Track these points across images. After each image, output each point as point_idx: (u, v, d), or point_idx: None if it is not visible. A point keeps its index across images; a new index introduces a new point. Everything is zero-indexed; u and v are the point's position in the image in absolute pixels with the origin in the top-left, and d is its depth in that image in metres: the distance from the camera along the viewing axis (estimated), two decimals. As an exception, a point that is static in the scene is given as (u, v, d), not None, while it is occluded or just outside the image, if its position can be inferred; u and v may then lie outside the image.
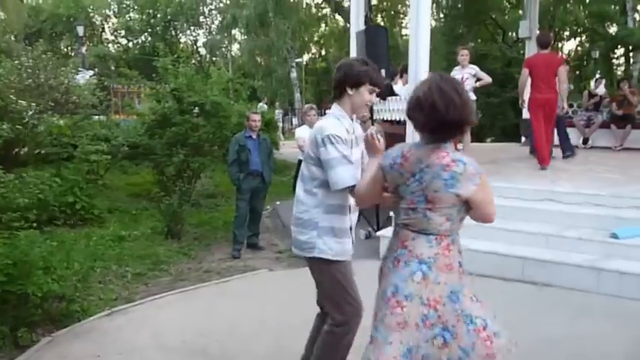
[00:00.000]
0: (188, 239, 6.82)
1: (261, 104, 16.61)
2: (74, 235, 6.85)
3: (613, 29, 24.04)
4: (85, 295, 4.48)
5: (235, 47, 36.45)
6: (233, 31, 30.89)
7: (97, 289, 4.87)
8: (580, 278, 4.31)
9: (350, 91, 2.50)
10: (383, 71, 5.78)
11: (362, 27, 7.91)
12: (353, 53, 7.97)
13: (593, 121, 10.45)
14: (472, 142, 8.06)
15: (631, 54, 24.47)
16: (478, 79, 7.57)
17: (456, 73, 7.65)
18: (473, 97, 7.57)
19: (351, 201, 2.56)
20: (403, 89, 7.85)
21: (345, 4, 22.36)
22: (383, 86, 2.57)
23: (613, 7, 23.44)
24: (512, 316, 3.95)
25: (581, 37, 27.77)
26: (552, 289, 4.39)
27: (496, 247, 4.81)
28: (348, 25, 23.31)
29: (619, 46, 25.14)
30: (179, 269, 5.62)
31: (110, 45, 38.27)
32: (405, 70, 7.91)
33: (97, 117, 11.00)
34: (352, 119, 2.59)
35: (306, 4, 24.05)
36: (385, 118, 7.38)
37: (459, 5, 18.00)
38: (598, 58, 25.59)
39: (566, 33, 26.21)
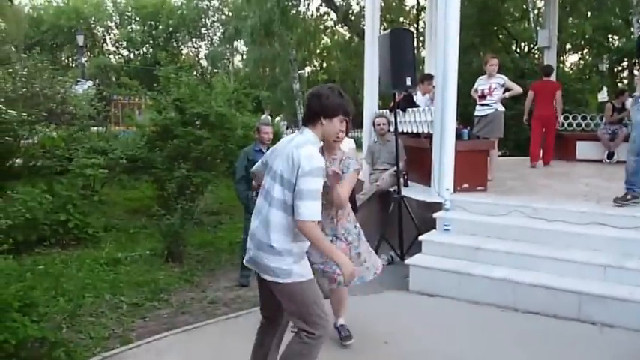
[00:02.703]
0: (190, 263, 6.21)
1: (264, 116, 16.11)
2: (65, 257, 6.25)
3: (617, 42, 23.64)
4: (72, 334, 3.87)
5: (237, 59, 36.17)
6: (235, 43, 30.58)
7: (88, 325, 4.25)
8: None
9: (324, 121, 2.60)
10: (409, 79, 5.23)
11: (377, 32, 7.42)
12: (368, 61, 7.47)
13: (618, 135, 9.91)
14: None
15: (635, 67, 24.08)
16: (507, 90, 7.01)
17: (482, 83, 7.11)
18: (501, 108, 7.02)
19: None
20: (423, 99, 7.31)
21: (353, 14, 22.01)
22: (351, 115, 2.75)
23: (618, 20, 23.07)
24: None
25: (585, 49, 27.46)
26: (616, 331, 3.78)
27: (545, 280, 4.21)
28: (355, 36, 23.07)
29: (625, 59, 24.79)
30: (181, 299, 5.01)
31: (111, 56, 37.99)
32: (424, 79, 7.38)
33: (94, 128, 10.49)
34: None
35: (312, 14, 23.65)
36: (406, 131, 6.81)
37: (471, 15, 17.55)
38: (604, 71, 25.24)
39: (568, 46, 25.80)
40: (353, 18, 21.62)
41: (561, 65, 23.66)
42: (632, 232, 4.43)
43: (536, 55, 21.74)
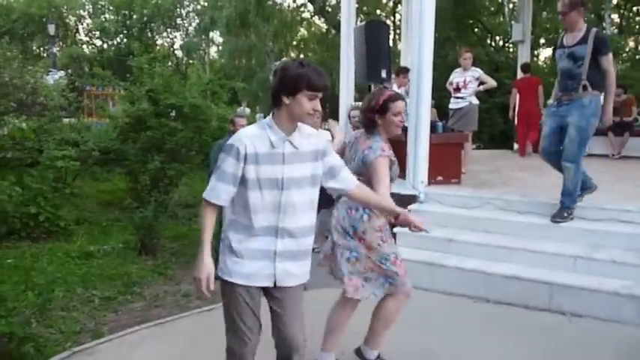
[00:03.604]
0: (164, 256, 6.15)
1: (241, 108, 15.97)
2: (36, 251, 6.14)
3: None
4: (42, 329, 3.80)
5: (213, 50, 35.72)
6: (211, 34, 30.17)
7: (58, 319, 4.19)
8: (617, 308, 3.79)
9: (286, 100, 2.17)
10: (384, 71, 5.24)
11: (353, 23, 7.39)
12: (344, 53, 7.44)
13: (589, 128, 10.11)
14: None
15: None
16: (481, 83, 7.07)
17: (457, 76, 7.15)
18: (475, 101, 7.08)
19: (287, 224, 2.27)
20: (399, 92, 7.33)
21: (329, 6, 21.94)
22: (324, 90, 2.19)
23: (591, 15, 23.52)
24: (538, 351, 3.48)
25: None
26: (584, 320, 3.87)
27: (517, 271, 4.27)
28: (332, 28, 22.98)
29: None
30: (154, 292, 4.96)
31: (84, 46, 37.14)
32: (399, 72, 7.40)
33: (66, 120, 10.26)
34: (289, 132, 2.24)
35: (288, 5, 23.51)
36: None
37: (447, 8, 17.66)
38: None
39: (542, 40, 26.20)
40: (329, 10, 21.57)
41: (535, 59, 23.96)
42: (602, 224, 4.52)
43: (511, 49, 22.02)
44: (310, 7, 22.94)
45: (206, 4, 28.96)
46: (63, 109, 9.78)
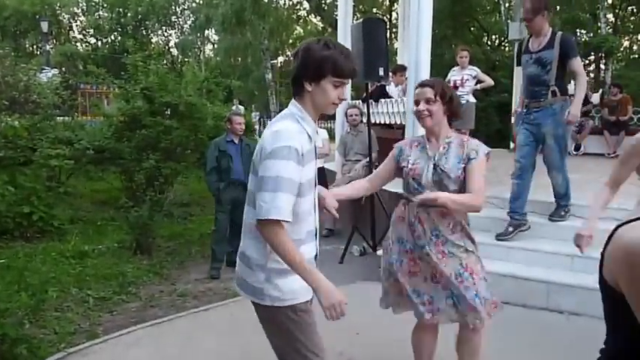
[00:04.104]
0: (160, 255, 6.10)
1: (235, 106, 15.91)
2: (29, 251, 6.07)
3: (585, 36, 24.13)
4: (35, 330, 3.75)
5: (208, 48, 35.62)
6: (206, 32, 30.08)
7: (52, 320, 4.13)
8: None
9: (309, 87, 1.87)
10: (381, 69, 5.21)
11: (350, 22, 7.37)
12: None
13: (585, 127, 10.12)
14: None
15: (602, 60, 24.65)
16: (479, 82, 7.06)
17: (455, 75, 7.14)
18: (472, 99, 7.07)
19: (318, 223, 2.05)
20: (396, 90, 7.31)
21: (326, 4, 21.87)
22: (352, 76, 1.89)
23: (586, 15, 23.59)
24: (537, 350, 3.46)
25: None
26: (582, 319, 3.85)
27: (514, 270, 4.26)
28: (328, 26, 22.91)
29: (592, 53, 25.41)
30: (149, 292, 4.91)
31: (78, 44, 36.93)
32: (397, 70, 7.38)
33: (60, 118, 10.18)
34: (315, 121, 1.95)
35: (284, 3, 23.43)
36: (378, 121, 6.79)
37: (444, 7, 17.72)
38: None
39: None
40: (326, 8, 21.52)
41: (531, 58, 24.06)
42: (599, 223, 4.50)
43: (507, 48, 22.06)
44: (306, 5, 22.89)
45: (201, 1, 28.88)
46: (56, 107, 9.69)
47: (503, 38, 22.89)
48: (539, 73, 4.36)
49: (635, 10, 24.62)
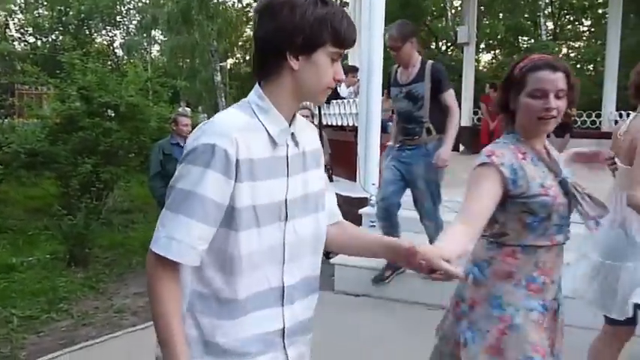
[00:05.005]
0: (96, 267, 5.65)
1: (181, 107, 15.41)
2: (-52, 265, 5.50)
3: (526, 42, 24.95)
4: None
5: (155, 49, 34.65)
6: (153, 32, 29.25)
7: (-33, 345, 3.68)
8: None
9: (294, 63, 1.22)
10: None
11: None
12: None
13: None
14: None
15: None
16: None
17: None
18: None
19: (294, 277, 1.33)
20: (347, 91, 7.13)
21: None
22: (352, 46, 1.29)
23: (528, 22, 24.42)
24: None
25: (498, 49, 28.90)
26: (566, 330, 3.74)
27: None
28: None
29: (535, 58, 26.42)
30: (83, 309, 4.48)
31: (16, 43, 35.15)
32: (348, 71, 7.20)
33: (-11, 120, 9.49)
34: (293, 117, 1.32)
35: (233, 4, 23.02)
36: (330, 123, 6.59)
37: (394, 11, 17.81)
38: (518, 70, 26.70)
39: (483, 45, 27.02)
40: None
41: (476, 64, 24.68)
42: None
43: (454, 54, 22.47)
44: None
45: (147, 1, 28.08)
46: (-15, 108, 9.03)
47: (450, 44, 23.32)
48: (410, 109, 3.96)
49: (572, 19, 25.68)
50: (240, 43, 30.97)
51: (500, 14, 24.79)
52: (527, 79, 1.69)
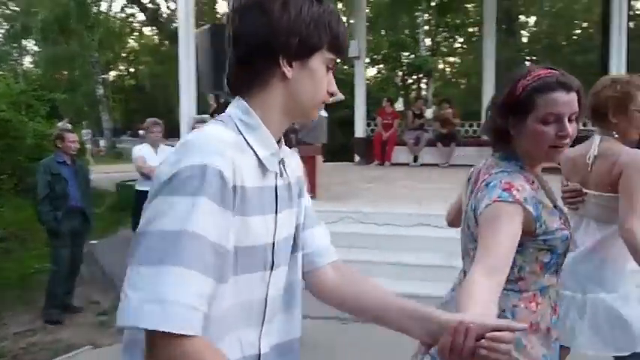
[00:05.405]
0: (-37, 307, 4.94)
1: (62, 123, 14.30)
2: None
3: (407, 58, 26.44)
4: None
5: (28, 60, 32.00)
6: (24, 42, 27.05)
7: None
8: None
9: (287, 70, 1.01)
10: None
11: (192, 29, 6.87)
12: (183, 62, 6.87)
13: (421, 140, 10.79)
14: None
15: (423, 80, 27.34)
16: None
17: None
18: (324, 113, 7.01)
19: (273, 337, 1.10)
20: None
21: (161, 17, 20.85)
22: (347, 52, 1.15)
23: (408, 38, 25.96)
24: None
25: (382, 64, 30.39)
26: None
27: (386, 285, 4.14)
28: (165, 39, 21.88)
29: (414, 73, 28.02)
30: (-51, 357, 3.87)
31: None
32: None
33: None
34: (279, 139, 1.08)
35: (115, 14, 21.90)
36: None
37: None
38: (399, 83, 28.22)
39: (367, 60, 28.30)
40: (163, 20, 20.55)
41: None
42: (454, 231, 4.62)
43: (345, 67, 23.19)
44: (141, 16, 21.65)
45: (18, 8, 25.89)
46: None
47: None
48: None
49: (447, 36, 27.67)
50: (123, 55, 29.55)
51: (383, 31, 26.06)
52: (536, 102, 1.42)
